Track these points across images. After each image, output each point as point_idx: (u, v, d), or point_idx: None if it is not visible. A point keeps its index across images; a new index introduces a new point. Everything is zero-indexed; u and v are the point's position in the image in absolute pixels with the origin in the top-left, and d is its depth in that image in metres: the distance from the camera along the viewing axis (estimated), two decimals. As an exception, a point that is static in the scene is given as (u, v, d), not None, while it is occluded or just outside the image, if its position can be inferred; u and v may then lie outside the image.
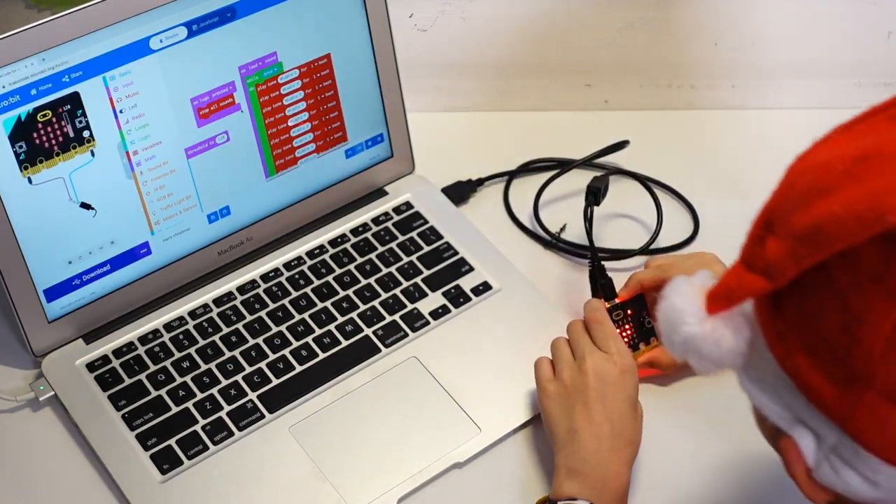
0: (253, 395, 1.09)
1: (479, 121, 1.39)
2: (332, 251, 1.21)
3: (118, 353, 1.12)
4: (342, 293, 1.17)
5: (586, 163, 1.28)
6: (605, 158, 1.29)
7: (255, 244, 1.20)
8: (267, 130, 1.16)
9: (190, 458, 1.05)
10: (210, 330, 1.14)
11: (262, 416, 1.08)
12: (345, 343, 1.13)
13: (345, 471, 1.04)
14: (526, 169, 1.32)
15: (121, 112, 1.07)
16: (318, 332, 1.14)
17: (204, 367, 1.11)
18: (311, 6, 1.14)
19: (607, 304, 1.10)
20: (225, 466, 1.05)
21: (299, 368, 1.11)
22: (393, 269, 1.19)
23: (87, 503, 1.04)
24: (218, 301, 1.16)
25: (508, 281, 1.19)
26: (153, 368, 1.11)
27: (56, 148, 1.05)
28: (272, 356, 1.12)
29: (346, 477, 1.04)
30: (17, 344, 1.13)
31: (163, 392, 1.09)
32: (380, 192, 1.26)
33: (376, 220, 1.23)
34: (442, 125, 1.37)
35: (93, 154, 1.07)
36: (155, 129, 1.10)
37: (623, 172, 1.29)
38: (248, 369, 1.11)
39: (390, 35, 1.20)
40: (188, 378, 1.10)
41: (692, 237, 1.26)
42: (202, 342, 1.13)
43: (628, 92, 1.39)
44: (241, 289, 1.17)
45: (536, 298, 1.18)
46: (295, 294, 1.17)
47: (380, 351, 1.13)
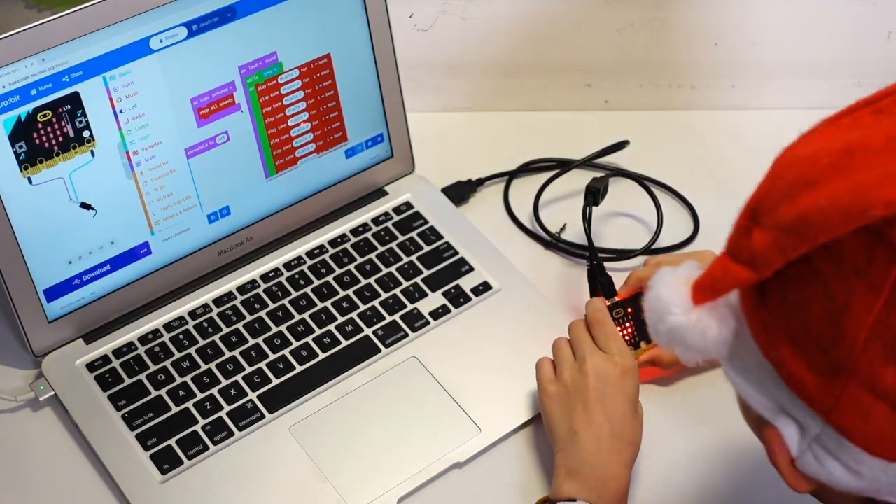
0: (253, 395, 1.09)
1: (479, 121, 1.39)
2: (332, 251, 1.21)
3: (118, 353, 1.12)
4: (342, 293, 1.17)
5: (586, 163, 1.28)
6: (605, 158, 1.29)
7: (255, 244, 1.20)
8: (267, 130, 1.16)
9: (190, 458, 1.05)
10: (210, 330, 1.14)
11: (262, 416, 1.08)
12: (345, 343, 1.13)
13: (345, 471, 1.04)
14: (526, 169, 1.32)
15: (121, 112, 1.07)
16: (318, 332, 1.14)
17: (204, 367, 1.11)
18: (311, 6, 1.14)
19: (607, 302, 1.10)
20: (225, 466, 1.05)
21: (299, 368, 1.11)
22: (393, 269, 1.19)
23: (87, 503, 1.04)
24: (218, 301, 1.16)
25: (508, 281, 1.19)
26: (153, 368, 1.11)
27: (56, 148, 1.05)
28: (272, 356, 1.12)
29: (346, 477, 1.04)
30: (17, 344, 1.13)
31: (163, 392, 1.09)
32: (380, 192, 1.26)
33: (376, 220, 1.23)
34: (442, 125, 1.37)
35: (93, 154, 1.07)
36: (155, 129, 1.10)
37: (623, 173, 1.29)
38: (248, 369, 1.11)
39: (390, 35, 1.20)
40: (188, 378, 1.10)
41: (692, 237, 1.26)
42: (202, 342, 1.13)
43: (628, 92, 1.39)
44: (241, 289, 1.17)
45: (536, 298, 1.18)
46: (295, 294, 1.17)
47: (380, 351, 1.13)
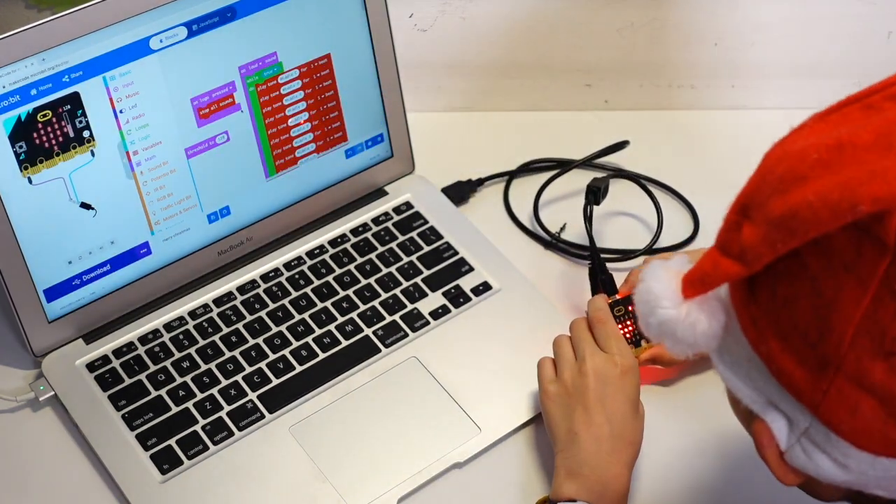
0: (253, 395, 1.09)
1: (479, 121, 1.39)
2: (332, 251, 1.21)
3: (118, 353, 1.12)
4: (342, 293, 1.17)
5: (586, 163, 1.28)
6: (605, 158, 1.29)
7: (255, 244, 1.20)
8: (267, 130, 1.16)
9: (190, 458, 1.05)
10: (210, 330, 1.14)
11: (262, 416, 1.08)
12: (345, 343, 1.13)
13: (345, 471, 1.04)
14: (526, 169, 1.32)
15: (121, 112, 1.07)
16: (318, 332, 1.14)
17: (204, 367, 1.11)
18: (311, 6, 1.14)
19: (609, 300, 1.09)
20: (225, 466, 1.05)
21: (299, 368, 1.11)
22: (393, 269, 1.19)
23: (87, 503, 1.04)
24: (218, 301, 1.16)
25: (508, 281, 1.19)
26: (153, 368, 1.11)
27: (56, 148, 1.05)
28: (272, 356, 1.12)
29: (346, 477, 1.04)
30: (17, 344, 1.13)
31: (163, 392, 1.09)
32: (380, 192, 1.26)
33: (376, 220, 1.23)
34: (442, 125, 1.37)
35: (93, 154, 1.07)
36: (155, 129, 1.10)
37: (623, 173, 1.29)
38: (248, 369, 1.11)
39: (390, 35, 1.20)
40: (188, 378, 1.10)
41: (692, 237, 1.26)
42: (202, 342, 1.13)
43: (628, 92, 1.39)
44: (241, 289, 1.17)
45: (536, 298, 1.18)
46: (295, 294, 1.17)
47: (380, 351, 1.13)
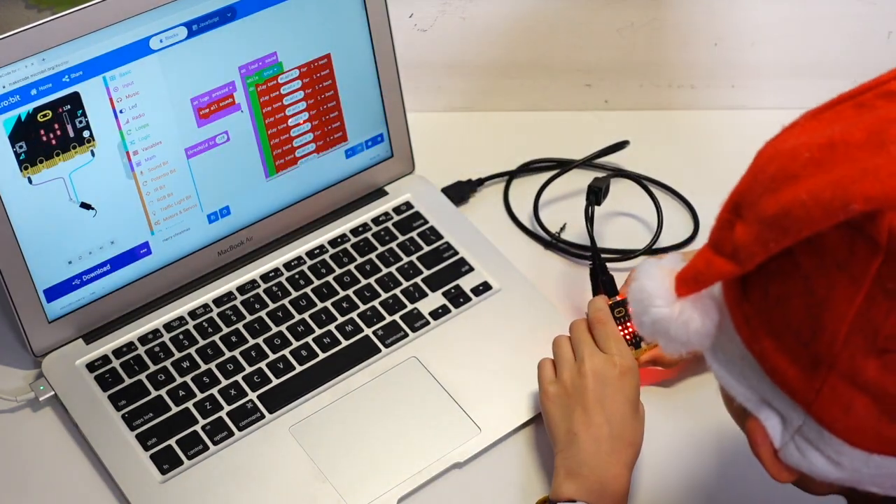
0: (253, 395, 1.09)
1: (479, 121, 1.39)
2: (332, 251, 1.21)
3: (118, 353, 1.12)
4: (342, 293, 1.17)
5: (586, 163, 1.28)
6: (605, 158, 1.29)
7: (255, 244, 1.20)
8: (267, 130, 1.16)
9: (190, 458, 1.05)
10: (210, 330, 1.14)
11: (262, 416, 1.08)
12: (345, 343, 1.13)
13: (345, 471, 1.04)
14: (526, 169, 1.32)
15: (121, 112, 1.07)
16: (318, 332, 1.14)
17: (204, 367, 1.11)
18: (311, 6, 1.14)
19: (609, 301, 1.09)
20: (225, 466, 1.05)
21: (299, 368, 1.11)
22: (393, 269, 1.19)
23: (87, 503, 1.04)
24: (218, 301, 1.16)
25: (508, 281, 1.19)
26: (153, 368, 1.11)
27: (56, 148, 1.05)
28: (272, 356, 1.12)
29: (346, 477, 1.04)
30: (17, 344, 1.13)
31: (163, 392, 1.09)
32: (380, 192, 1.26)
33: (376, 220, 1.23)
34: (442, 125, 1.37)
35: (93, 154, 1.07)
36: (155, 129, 1.10)
37: (623, 173, 1.29)
38: (248, 369, 1.11)
39: (390, 35, 1.20)
40: (188, 378, 1.10)
41: (692, 237, 1.26)
42: (202, 342, 1.13)
43: (628, 92, 1.39)
44: (241, 289, 1.17)
45: (536, 298, 1.18)
46: (295, 294, 1.17)
47: (380, 351, 1.13)
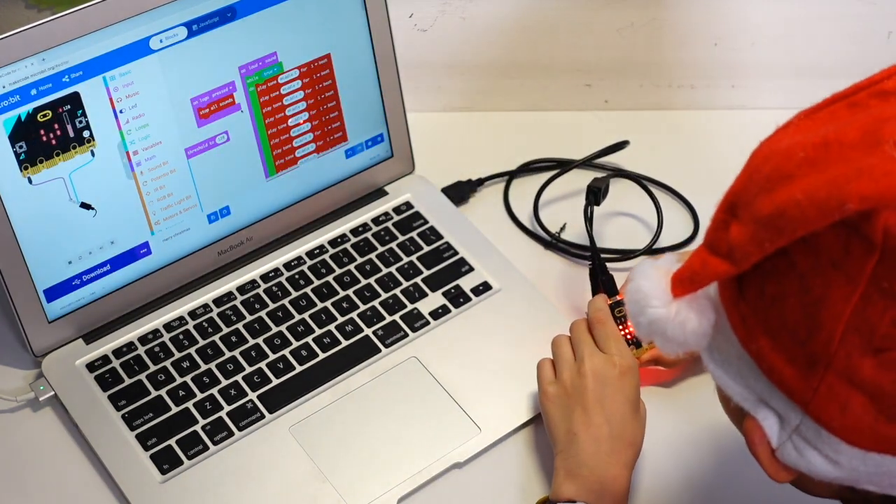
0: (253, 395, 1.09)
1: (479, 121, 1.39)
2: (332, 251, 1.21)
3: (118, 353, 1.12)
4: (342, 293, 1.17)
5: (586, 163, 1.28)
6: (605, 158, 1.29)
7: (255, 244, 1.20)
8: (267, 130, 1.16)
9: (190, 458, 1.05)
10: (210, 330, 1.14)
11: (262, 416, 1.08)
12: (345, 343, 1.13)
13: (345, 471, 1.04)
14: (526, 169, 1.32)
15: (121, 112, 1.07)
16: (318, 332, 1.14)
17: (204, 367, 1.11)
18: (311, 6, 1.14)
19: (609, 301, 1.09)
20: (225, 466, 1.05)
21: (299, 368, 1.11)
22: (393, 269, 1.19)
23: (87, 503, 1.04)
24: (218, 301, 1.16)
25: (508, 281, 1.19)
26: (153, 368, 1.11)
27: (56, 148, 1.05)
28: (272, 356, 1.12)
29: (346, 477, 1.04)
30: (17, 344, 1.13)
31: (163, 392, 1.09)
32: (380, 192, 1.26)
33: (376, 220, 1.23)
34: (442, 125, 1.37)
35: (93, 154, 1.07)
36: (155, 129, 1.10)
37: (623, 173, 1.29)
38: (248, 369, 1.11)
39: (390, 35, 1.20)
40: (188, 378, 1.10)
41: (692, 237, 1.26)
42: (202, 342, 1.13)
43: (628, 92, 1.39)
44: (241, 289, 1.17)
45: (536, 298, 1.18)
46: (295, 294, 1.17)
47: (380, 351, 1.13)
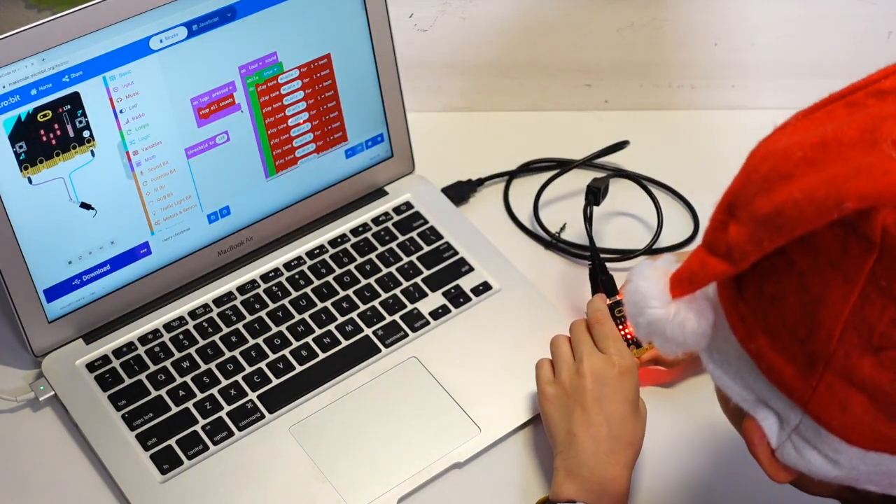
0: (253, 395, 1.09)
1: (479, 121, 1.39)
2: (332, 251, 1.21)
3: (118, 353, 1.12)
4: (342, 293, 1.17)
5: (586, 163, 1.28)
6: (605, 158, 1.29)
7: (255, 244, 1.20)
8: (267, 130, 1.16)
9: (190, 458, 1.05)
10: (210, 330, 1.14)
11: (262, 416, 1.08)
12: (345, 343, 1.13)
13: (345, 471, 1.04)
14: (526, 169, 1.32)
15: (121, 112, 1.07)
16: (318, 332, 1.14)
17: (204, 367, 1.11)
18: (311, 6, 1.14)
19: (609, 301, 1.09)
20: (225, 466, 1.05)
21: (299, 368, 1.11)
22: (393, 269, 1.19)
23: (87, 503, 1.04)
24: (218, 301, 1.16)
25: (508, 281, 1.19)
26: (153, 368, 1.11)
27: (56, 148, 1.05)
28: (272, 356, 1.12)
29: (346, 477, 1.04)
30: (17, 344, 1.13)
31: (163, 392, 1.09)
32: (380, 192, 1.26)
33: (376, 220, 1.23)
34: (442, 125, 1.37)
35: (93, 154, 1.07)
36: (155, 129, 1.10)
37: (623, 173, 1.29)
38: (248, 369, 1.11)
39: (390, 35, 1.20)
40: (188, 378, 1.10)
41: (692, 237, 1.26)
42: (202, 342, 1.13)
43: (628, 92, 1.39)
44: (241, 289, 1.17)
45: (536, 298, 1.18)
46: (295, 294, 1.17)
47: (380, 351, 1.13)
